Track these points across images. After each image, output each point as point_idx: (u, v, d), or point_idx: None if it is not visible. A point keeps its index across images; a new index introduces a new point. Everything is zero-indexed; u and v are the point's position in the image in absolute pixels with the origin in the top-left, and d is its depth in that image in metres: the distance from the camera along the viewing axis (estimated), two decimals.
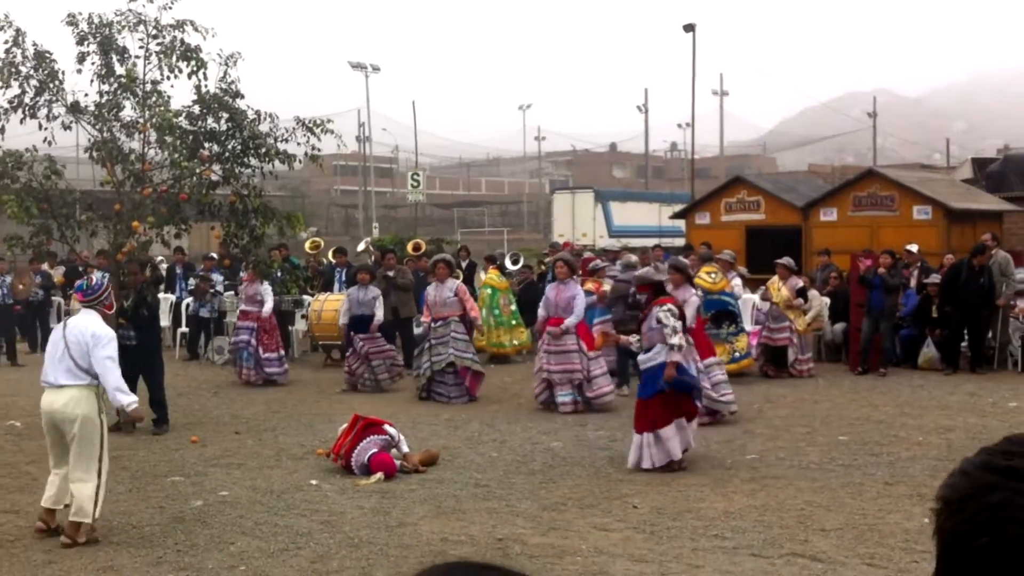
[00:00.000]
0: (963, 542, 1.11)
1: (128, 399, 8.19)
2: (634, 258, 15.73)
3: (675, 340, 9.96)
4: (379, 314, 15.51)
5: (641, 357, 10.36)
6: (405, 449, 10.23)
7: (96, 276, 8.85)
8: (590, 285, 15.32)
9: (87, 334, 7.95)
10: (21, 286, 20.15)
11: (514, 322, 18.69)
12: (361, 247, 24.60)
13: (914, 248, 18.29)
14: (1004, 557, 1.07)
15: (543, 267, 21.09)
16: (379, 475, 9.72)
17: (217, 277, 19.87)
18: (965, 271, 16.46)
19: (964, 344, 16.68)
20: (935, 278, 17.14)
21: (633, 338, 10.52)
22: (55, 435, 8.08)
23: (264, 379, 16.07)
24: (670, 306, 10.22)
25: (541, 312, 13.97)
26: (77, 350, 7.93)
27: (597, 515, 8.44)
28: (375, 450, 9.92)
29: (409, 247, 21.51)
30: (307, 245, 22.67)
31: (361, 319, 15.47)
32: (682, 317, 10.27)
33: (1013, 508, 1.10)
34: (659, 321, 10.08)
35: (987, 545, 1.09)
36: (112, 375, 7.98)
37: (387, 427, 10.25)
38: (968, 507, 1.13)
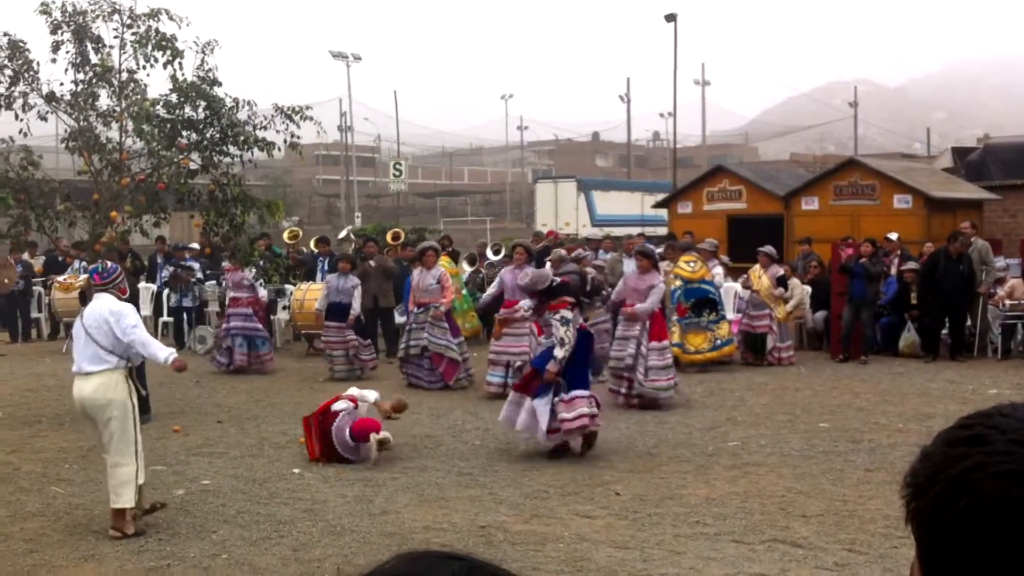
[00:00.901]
0: (942, 511, 1.10)
1: (164, 353, 8.14)
2: (563, 252, 15.62)
3: (560, 353, 9.93)
4: (356, 305, 15.50)
5: (543, 339, 10.50)
6: (372, 397, 10.29)
7: (108, 262, 8.83)
8: None
9: (105, 313, 7.93)
10: (7, 280, 20.00)
11: (466, 306, 18.70)
12: (342, 235, 24.57)
13: (894, 236, 18.36)
14: (988, 513, 1.06)
15: None
16: (375, 437, 9.72)
17: (195, 265, 19.78)
18: (943, 260, 16.55)
19: (944, 332, 16.77)
20: (912, 265, 17.23)
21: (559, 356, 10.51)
22: (92, 423, 8.04)
23: (257, 366, 16.11)
24: (562, 314, 10.15)
25: (491, 289, 14.35)
26: (99, 333, 7.89)
27: (579, 502, 8.46)
28: (349, 421, 9.92)
29: (388, 236, 21.47)
30: (286, 235, 22.60)
31: (338, 306, 15.50)
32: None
33: (988, 466, 1.09)
34: (553, 327, 10.11)
35: (968, 505, 1.08)
36: (143, 339, 7.95)
37: (338, 403, 10.17)
38: (940, 478, 1.12)
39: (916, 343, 16.90)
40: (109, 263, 8.60)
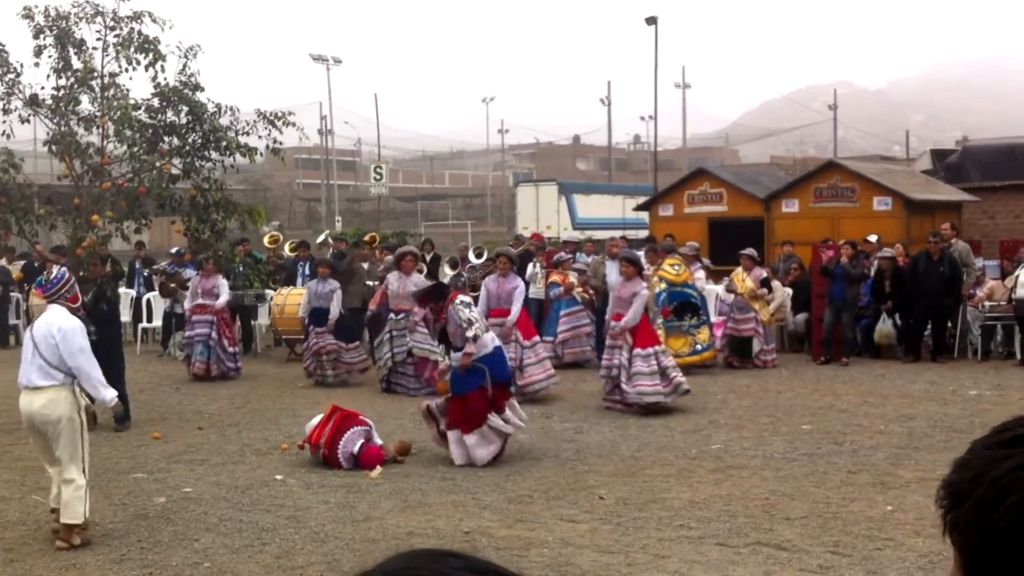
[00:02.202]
0: (990, 512, 1.09)
1: (109, 394, 8.09)
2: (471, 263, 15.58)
3: (471, 332, 10.07)
4: (334, 309, 15.42)
5: (455, 355, 10.31)
6: (379, 441, 10.23)
7: (55, 269, 8.73)
8: (555, 277, 15.35)
9: (53, 329, 7.79)
10: None
11: None
12: (320, 240, 24.52)
13: (874, 239, 18.44)
14: None
15: None
16: (379, 469, 9.73)
17: (190, 272, 19.65)
18: (924, 261, 16.63)
19: (926, 333, 16.85)
20: (888, 251, 17.30)
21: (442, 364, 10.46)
22: (37, 437, 7.93)
23: (221, 373, 15.95)
24: (460, 299, 10.33)
25: (480, 304, 13.88)
26: (46, 348, 7.76)
27: (563, 507, 8.45)
28: (362, 441, 10.00)
29: (366, 238, 21.44)
30: (266, 240, 22.52)
31: (320, 312, 15.44)
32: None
33: None
34: (455, 316, 10.16)
35: (1016, 503, 1.06)
36: (88, 367, 7.84)
37: (364, 418, 10.34)
38: (983, 481, 1.11)
39: (892, 335, 16.96)
40: (54, 272, 8.45)
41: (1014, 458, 1.10)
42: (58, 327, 7.81)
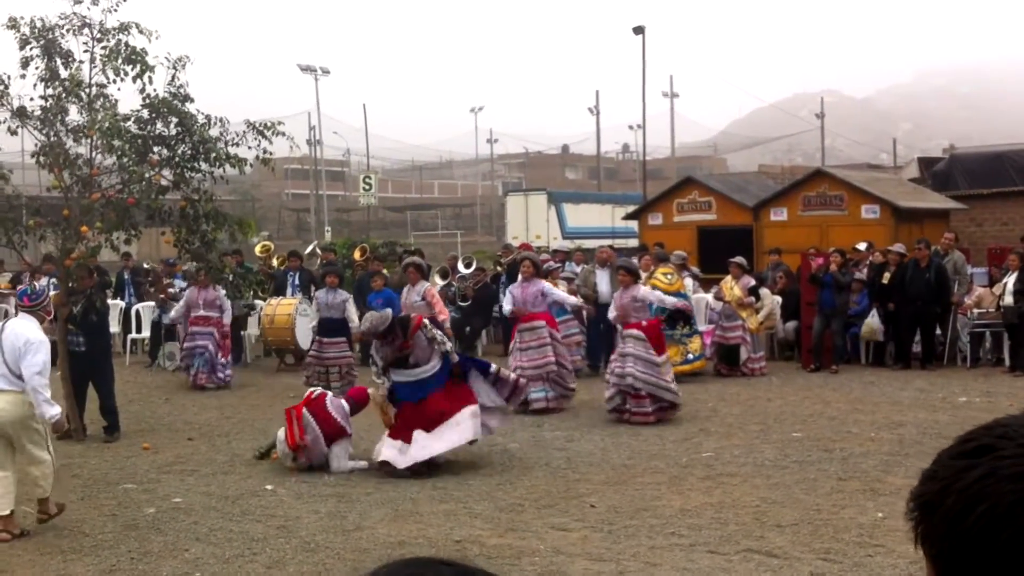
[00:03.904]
0: (958, 522, 1.09)
1: (52, 411, 8.23)
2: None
3: (448, 347, 10.32)
4: (355, 319, 15.33)
5: (415, 371, 10.29)
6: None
7: (41, 282, 8.90)
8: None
9: (20, 339, 8.05)
10: None
11: None
12: (308, 251, 24.51)
13: (863, 246, 18.50)
14: (1008, 515, 1.05)
15: (498, 268, 21.09)
16: (375, 393, 10.26)
17: (180, 283, 19.63)
18: (912, 269, 16.69)
19: (916, 340, 16.90)
20: (899, 247, 17.27)
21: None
22: (2, 439, 8.09)
23: (217, 384, 16.00)
24: (427, 321, 10.47)
25: (506, 308, 14.14)
26: (11, 355, 8.05)
27: (555, 515, 8.45)
28: (340, 395, 10.65)
29: (356, 253, 21.36)
30: (257, 249, 22.50)
31: (330, 322, 15.42)
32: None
33: (1001, 470, 1.09)
34: (429, 339, 10.22)
35: (986, 511, 1.07)
36: (38, 383, 8.04)
37: (312, 396, 10.66)
38: (952, 491, 1.11)
39: (879, 331, 16.97)
40: (39, 285, 8.69)
41: (980, 467, 1.10)
42: (25, 339, 8.09)
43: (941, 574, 1.13)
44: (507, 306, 14.13)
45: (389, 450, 10.03)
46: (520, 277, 14.26)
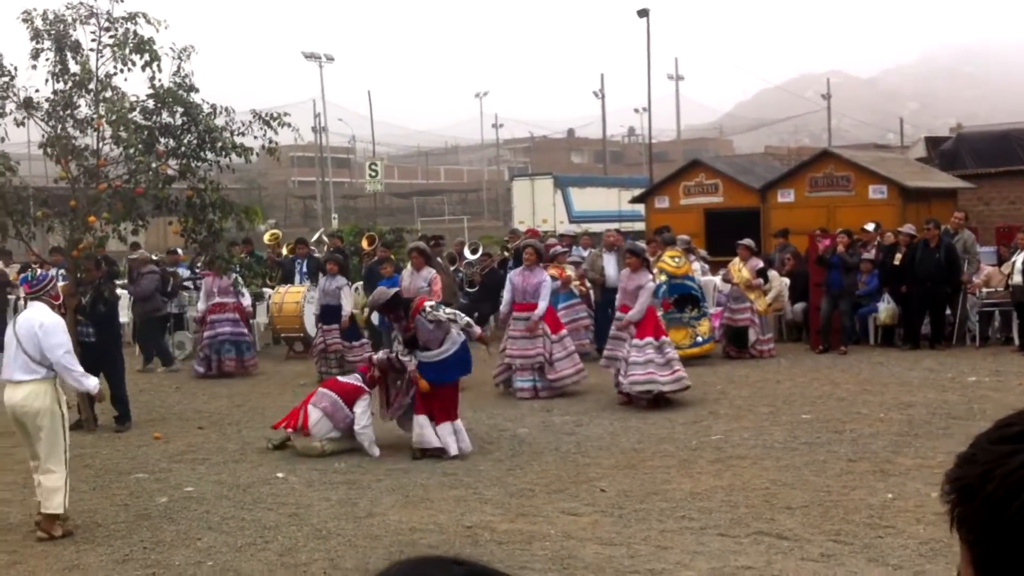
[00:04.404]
0: (1000, 509, 1.07)
1: (90, 382, 8.40)
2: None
3: (464, 321, 10.38)
4: (347, 305, 15.45)
5: (428, 354, 10.31)
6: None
7: (40, 269, 8.93)
8: (552, 271, 15.35)
9: (35, 326, 8.05)
10: None
11: None
12: (315, 238, 24.52)
13: (871, 227, 18.45)
14: None
15: (505, 253, 21.07)
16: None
17: (184, 272, 19.65)
18: (921, 249, 16.64)
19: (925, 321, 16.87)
20: (908, 227, 17.21)
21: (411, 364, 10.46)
22: (23, 431, 8.13)
23: (241, 370, 16.22)
24: (428, 305, 10.39)
25: (506, 297, 14.05)
26: (29, 344, 8.02)
27: (565, 500, 8.47)
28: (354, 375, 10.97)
29: (364, 243, 21.30)
30: (266, 237, 22.52)
31: (330, 308, 15.48)
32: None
33: None
34: (433, 322, 10.21)
35: None
36: (67, 362, 8.08)
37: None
38: (994, 477, 1.09)
39: (896, 314, 16.94)
40: (39, 271, 8.69)
41: (1022, 453, 1.09)
42: (40, 323, 8.08)
43: (979, 559, 1.12)
44: (506, 295, 14.04)
45: (418, 428, 10.15)
46: (523, 264, 14.20)
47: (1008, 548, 1.07)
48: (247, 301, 16.62)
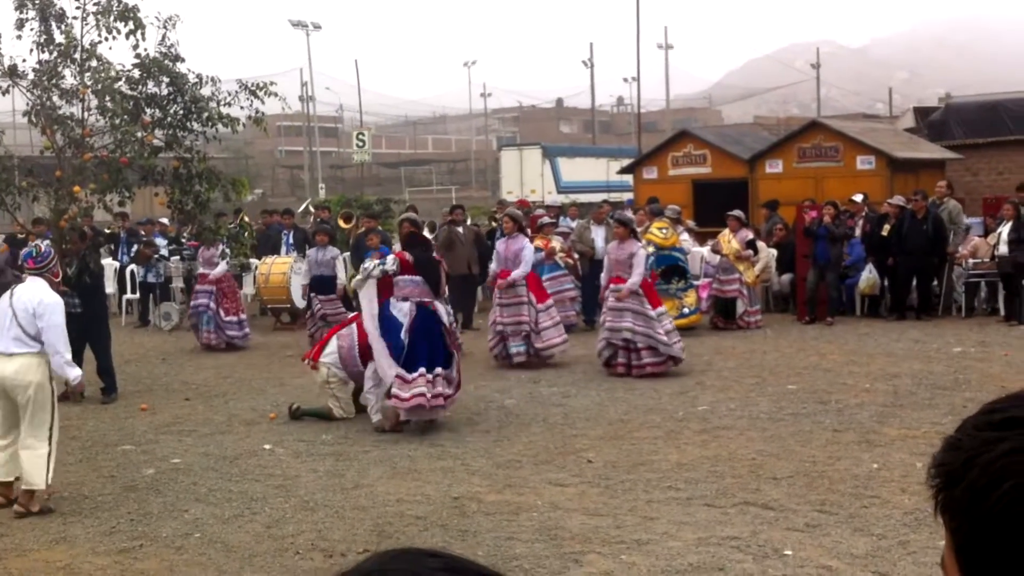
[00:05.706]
0: (983, 496, 1.06)
1: (74, 372, 8.31)
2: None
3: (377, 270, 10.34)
4: (341, 275, 15.43)
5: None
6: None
7: (44, 244, 8.82)
8: (539, 242, 15.36)
9: (34, 302, 7.97)
10: None
11: None
12: (302, 209, 24.45)
13: (859, 198, 18.45)
14: None
15: (493, 224, 21.05)
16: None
17: (161, 242, 19.61)
18: (908, 220, 16.66)
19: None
20: (899, 199, 17.22)
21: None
22: (6, 404, 8.06)
23: (226, 343, 16.01)
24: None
25: (492, 267, 14.05)
26: (25, 318, 7.94)
27: (552, 471, 8.49)
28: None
29: (340, 220, 21.09)
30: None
31: (320, 279, 15.44)
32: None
33: None
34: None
35: (1012, 488, 1.04)
36: (60, 344, 8.02)
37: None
38: (977, 464, 1.08)
39: (876, 284, 17.01)
40: (44, 247, 8.58)
41: (1008, 440, 1.07)
42: (39, 300, 8.00)
43: (961, 547, 1.10)
44: (493, 265, 14.08)
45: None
46: (505, 235, 14.20)
47: (989, 537, 1.06)
48: (217, 270, 16.18)
